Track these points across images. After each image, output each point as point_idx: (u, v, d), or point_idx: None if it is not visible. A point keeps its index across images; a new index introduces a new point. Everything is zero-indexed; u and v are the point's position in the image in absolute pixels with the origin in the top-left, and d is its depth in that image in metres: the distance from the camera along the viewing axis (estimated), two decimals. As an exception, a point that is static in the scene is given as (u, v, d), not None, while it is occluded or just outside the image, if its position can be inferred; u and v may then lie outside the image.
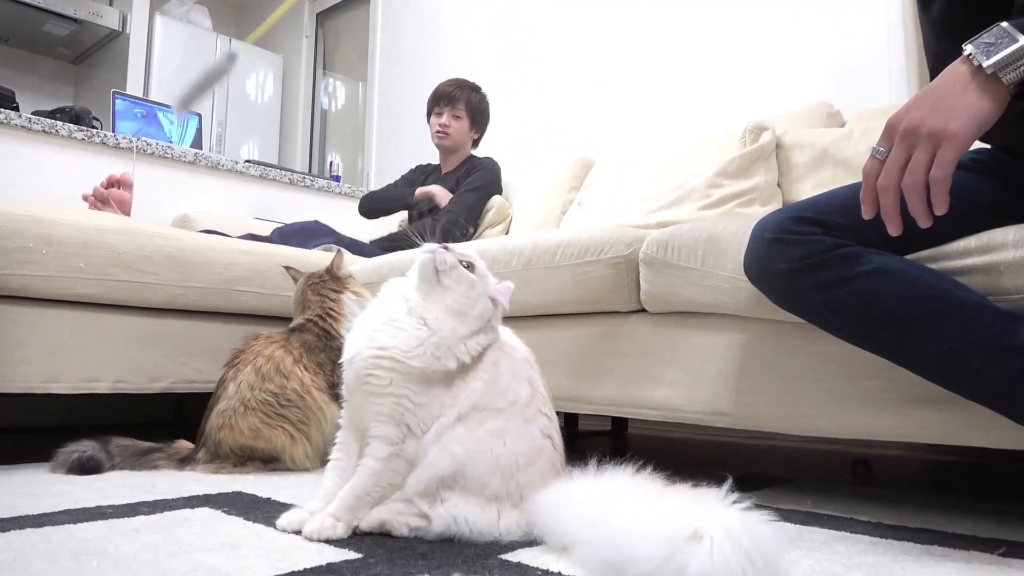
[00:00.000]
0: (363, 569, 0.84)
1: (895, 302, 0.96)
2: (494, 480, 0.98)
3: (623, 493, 0.90)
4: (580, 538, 0.88)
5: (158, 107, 3.25)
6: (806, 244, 1.01)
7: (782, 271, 1.04)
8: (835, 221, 1.01)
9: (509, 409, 1.02)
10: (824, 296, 1.01)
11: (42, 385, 1.63)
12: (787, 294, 1.07)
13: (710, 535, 0.71)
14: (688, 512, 0.75)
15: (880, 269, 0.98)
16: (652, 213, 2.04)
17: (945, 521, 1.17)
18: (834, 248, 0.99)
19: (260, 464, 1.56)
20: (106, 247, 1.72)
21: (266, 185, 3.21)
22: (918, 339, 0.97)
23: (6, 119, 2.43)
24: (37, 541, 0.94)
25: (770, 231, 1.05)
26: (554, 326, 1.66)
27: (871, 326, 1.00)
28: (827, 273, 1.00)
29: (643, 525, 0.77)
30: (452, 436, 0.99)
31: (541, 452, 1.04)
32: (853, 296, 0.99)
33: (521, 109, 3.42)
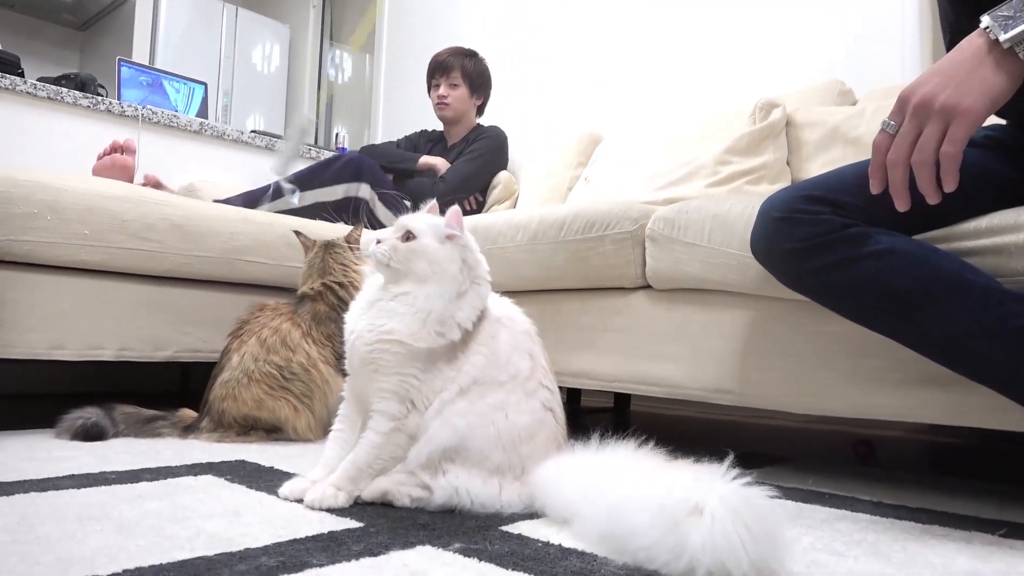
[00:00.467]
0: (364, 538, 0.84)
1: (902, 283, 0.95)
2: (496, 453, 0.99)
3: (624, 467, 0.91)
4: (580, 511, 0.88)
5: (163, 75, 3.23)
6: (814, 224, 1.00)
7: (788, 250, 1.03)
8: (844, 200, 1.00)
9: (510, 382, 1.03)
10: (830, 276, 1.00)
11: (47, 352, 1.63)
12: (793, 274, 1.06)
13: (711, 510, 0.70)
14: (689, 486, 0.75)
15: (888, 250, 0.96)
16: (659, 190, 2.03)
17: (946, 501, 1.17)
18: (842, 228, 0.98)
19: (263, 434, 1.57)
20: (111, 214, 1.72)
21: (272, 156, 3.19)
22: (925, 320, 0.96)
23: (11, 85, 2.42)
24: (41, 505, 0.95)
25: (777, 210, 1.04)
26: (558, 301, 1.65)
27: (877, 307, 1.00)
28: (834, 253, 0.99)
29: (643, 499, 0.77)
30: (454, 409, 1.00)
31: (543, 425, 1.04)
32: (860, 276, 0.98)
33: (529, 83, 3.39)
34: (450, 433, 0.99)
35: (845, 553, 0.85)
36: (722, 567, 0.68)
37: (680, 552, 0.70)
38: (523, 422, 1.01)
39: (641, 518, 0.75)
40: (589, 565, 0.77)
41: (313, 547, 0.80)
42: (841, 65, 2.35)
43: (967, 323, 0.93)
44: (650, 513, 0.75)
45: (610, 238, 1.51)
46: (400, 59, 4.14)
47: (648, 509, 0.75)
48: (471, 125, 2.84)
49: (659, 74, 2.92)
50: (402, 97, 4.07)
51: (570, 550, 0.82)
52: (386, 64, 4.23)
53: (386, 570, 0.74)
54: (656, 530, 0.73)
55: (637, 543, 0.75)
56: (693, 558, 0.69)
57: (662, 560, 0.72)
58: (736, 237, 1.29)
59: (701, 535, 0.69)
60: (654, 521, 0.74)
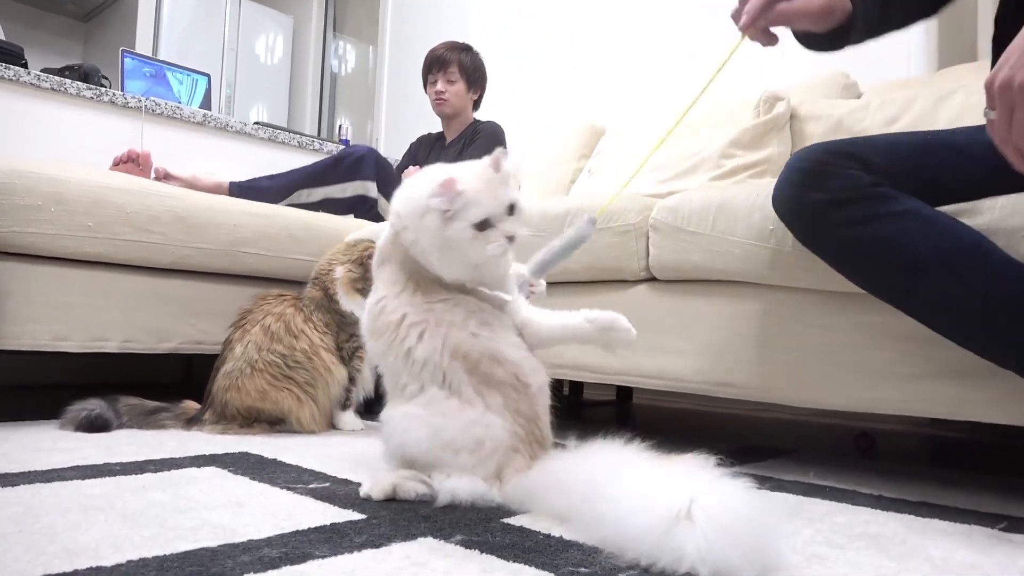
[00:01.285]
0: (366, 530, 0.85)
1: (924, 246, 0.96)
2: (445, 454, 0.99)
3: (612, 468, 0.87)
4: (573, 518, 0.87)
5: (167, 66, 3.23)
6: (844, 177, 1.00)
7: (816, 201, 1.03)
8: (875, 161, 1.00)
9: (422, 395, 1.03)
10: (853, 232, 1.00)
11: (51, 343, 1.64)
12: (816, 227, 1.05)
13: (697, 519, 0.70)
14: (675, 491, 0.74)
15: (914, 211, 0.97)
16: (663, 182, 2.02)
17: (947, 495, 1.17)
18: (871, 185, 0.99)
19: (266, 425, 1.57)
20: (115, 206, 1.72)
21: (275, 148, 3.19)
22: (943, 286, 0.96)
23: (15, 76, 2.42)
24: (46, 495, 0.95)
25: (809, 161, 1.04)
26: (562, 294, 1.65)
27: (895, 269, 0.99)
28: (860, 209, 0.99)
29: (635, 503, 0.76)
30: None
31: (482, 442, 0.99)
32: (884, 235, 0.98)
33: (532, 75, 3.38)
34: (389, 443, 1.03)
35: (845, 546, 0.85)
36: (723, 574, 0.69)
37: (680, 557, 0.70)
38: (449, 432, 0.99)
39: (635, 524, 0.74)
40: (590, 557, 0.77)
41: (316, 538, 0.81)
42: (845, 58, 2.32)
43: (985, 292, 0.93)
44: (642, 521, 0.74)
45: (613, 230, 1.51)
46: (403, 50, 4.13)
47: (642, 514, 0.74)
48: (468, 120, 2.83)
49: (662, 66, 2.91)
50: (405, 88, 4.06)
51: (571, 542, 0.82)
52: (389, 55, 4.22)
53: (388, 562, 0.74)
54: (652, 536, 0.72)
55: (637, 549, 0.74)
56: (693, 566, 0.69)
57: (665, 562, 0.72)
58: (740, 224, 1.29)
59: (695, 546, 0.69)
60: (647, 529, 0.73)
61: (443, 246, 1.02)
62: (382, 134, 4.22)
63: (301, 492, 1.03)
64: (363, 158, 2.44)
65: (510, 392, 1.02)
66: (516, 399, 1.02)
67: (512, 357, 1.05)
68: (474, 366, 1.02)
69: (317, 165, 2.45)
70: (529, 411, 1.03)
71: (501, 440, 0.99)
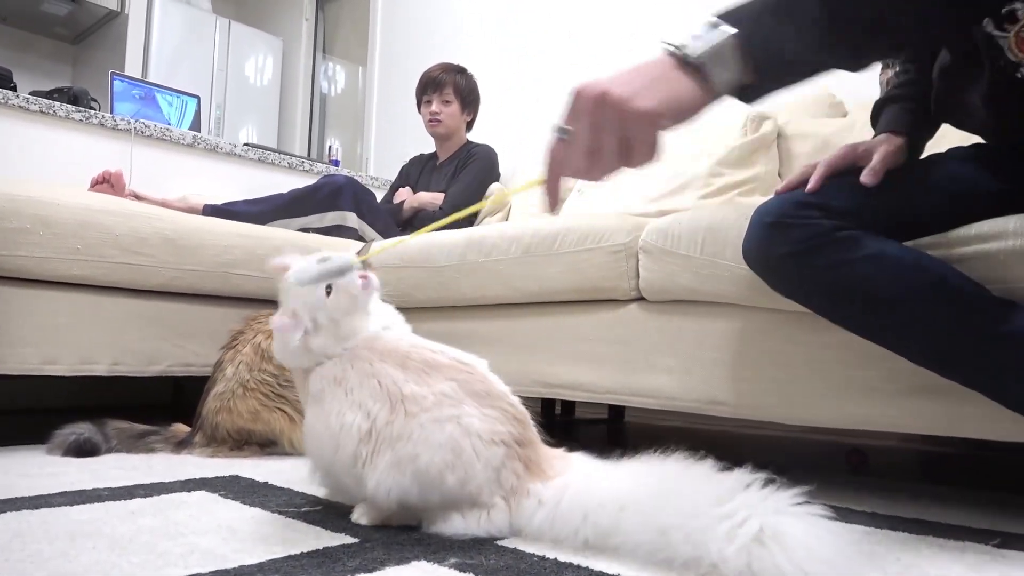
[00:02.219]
0: (359, 554, 0.84)
1: (891, 286, 0.97)
2: (430, 494, 0.90)
3: (661, 480, 0.86)
4: (619, 530, 0.84)
5: (156, 88, 3.23)
6: (805, 227, 1.01)
7: (782, 255, 1.04)
8: (834, 205, 1.01)
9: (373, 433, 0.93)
10: (822, 279, 1.02)
11: (39, 367, 1.62)
12: (786, 278, 1.07)
13: (778, 539, 0.72)
14: (742, 506, 0.76)
15: (877, 254, 0.98)
16: (652, 201, 2.04)
17: (940, 511, 1.17)
18: (832, 231, 0.99)
19: (257, 448, 1.56)
20: (103, 228, 1.71)
21: (265, 169, 3.19)
22: (913, 324, 0.98)
23: (3, 99, 2.42)
24: (34, 522, 0.94)
25: (770, 215, 1.05)
26: (552, 313, 1.66)
27: (867, 311, 1.01)
28: (825, 256, 1.00)
29: (701, 518, 0.77)
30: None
31: (452, 444, 0.89)
32: (850, 279, 0.99)
33: (520, 95, 3.41)
34: (377, 490, 0.92)
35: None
36: None
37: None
38: (424, 462, 0.89)
39: (704, 539, 0.75)
40: (585, 579, 0.77)
41: (308, 563, 0.80)
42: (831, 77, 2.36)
43: (954, 327, 0.95)
44: (713, 535, 0.75)
45: (604, 250, 1.51)
46: (392, 71, 4.15)
47: (710, 529, 0.75)
48: (461, 141, 2.85)
49: (651, 86, 2.93)
50: (394, 109, 4.08)
51: (566, 564, 0.82)
52: (378, 76, 4.25)
53: (382, 586, 0.74)
54: (721, 554, 0.74)
55: (707, 561, 0.75)
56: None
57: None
58: (728, 247, 1.30)
59: (773, 564, 0.71)
60: (720, 544, 0.74)
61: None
62: (371, 154, 4.24)
63: (293, 516, 1.02)
64: (341, 188, 2.44)
65: (458, 374, 0.95)
66: (469, 380, 0.94)
67: (436, 347, 0.99)
68: (403, 359, 0.96)
69: (295, 193, 2.44)
70: (490, 390, 0.95)
71: (475, 429, 0.90)
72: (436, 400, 0.92)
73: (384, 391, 0.94)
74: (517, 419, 0.95)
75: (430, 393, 0.92)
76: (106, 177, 2.34)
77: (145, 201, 2.29)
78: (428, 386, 0.93)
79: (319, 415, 0.99)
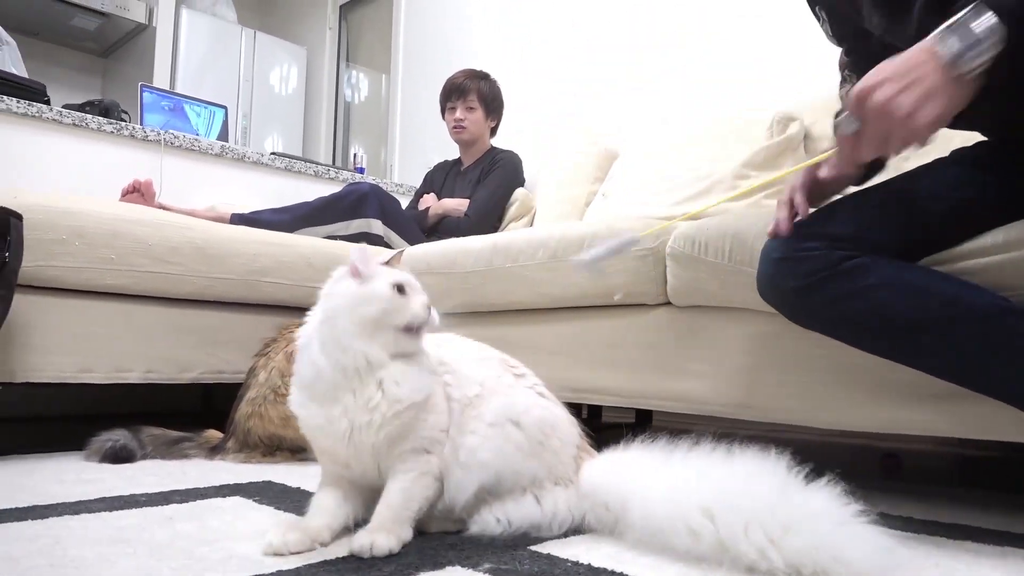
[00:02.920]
0: (394, 559, 0.84)
1: (905, 311, 0.97)
2: (529, 464, 0.97)
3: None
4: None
5: (184, 100, 3.28)
6: (812, 260, 1.01)
7: (793, 288, 1.04)
8: (839, 232, 1.01)
9: (487, 389, 1.00)
10: (834, 310, 1.02)
11: (75, 375, 1.66)
12: (800, 310, 1.08)
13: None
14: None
15: (886, 281, 0.98)
16: (677, 204, 2.03)
17: (977, 516, 1.15)
18: (840, 262, 0.99)
19: (288, 453, 1.57)
20: (135, 239, 1.74)
21: (291, 177, 3.23)
22: (933, 345, 0.97)
23: (38, 112, 2.47)
24: (74, 527, 0.96)
25: (777, 251, 1.06)
26: (579, 318, 1.66)
27: (885, 336, 1.01)
28: (835, 287, 1.00)
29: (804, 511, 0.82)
30: (467, 449, 0.94)
31: (553, 413, 1.03)
32: (862, 309, 0.99)
33: (545, 99, 3.41)
34: (478, 474, 0.94)
35: (877, 570, 0.84)
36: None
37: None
38: (536, 416, 0.99)
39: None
40: (619, 585, 0.77)
41: (343, 568, 0.81)
42: (858, 77, 2.34)
43: (973, 344, 0.94)
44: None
45: (631, 255, 1.51)
46: (415, 78, 4.17)
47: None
48: (485, 146, 2.86)
49: (675, 88, 2.92)
50: (418, 116, 4.10)
51: (600, 569, 0.82)
52: (402, 84, 4.27)
53: (417, 591, 0.74)
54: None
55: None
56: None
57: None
58: (754, 255, 1.28)
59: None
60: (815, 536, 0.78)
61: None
62: (396, 161, 4.26)
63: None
64: (366, 195, 2.45)
65: (538, 384, 1.07)
66: (545, 390, 1.06)
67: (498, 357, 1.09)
68: (502, 362, 1.07)
69: (320, 201, 2.46)
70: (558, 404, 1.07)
71: (562, 412, 1.06)
72: (532, 381, 1.05)
73: (496, 368, 1.04)
74: (578, 425, 1.08)
75: (525, 374, 1.06)
76: (136, 187, 2.38)
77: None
78: (533, 407, 1.02)
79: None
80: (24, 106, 2.44)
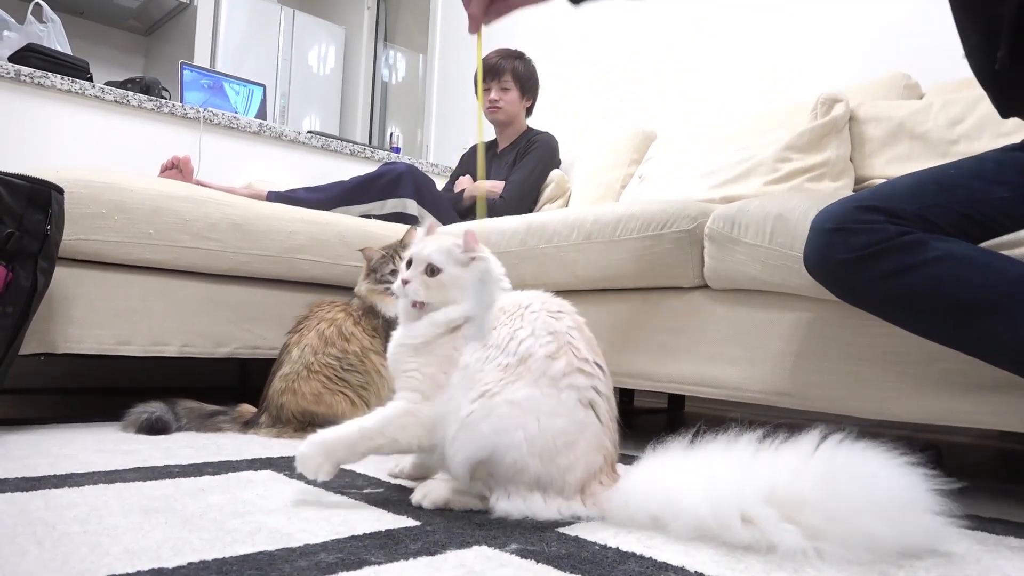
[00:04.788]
0: (421, 536, 0.84)
1: (964, 289, 0.92)
2: (532, 463, 0.92)
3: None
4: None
5: (224, 78, 3.30)
6: (868, 232, 0.97)
7: (843, 261, 1.00)
8: (900, 208, 0.97)
9: (526, 371, 0.94)
10: (888, 285, 0.98)
11: (114, 348, 1.68)
12: (849, 285, 1.03)
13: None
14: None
15: (947, 255, 0.94)
16: (716, 187, 1.99)
17: (1021, 512, 1.12)
18: (897, 236, 0.96)
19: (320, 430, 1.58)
20: (175, 214, 1.76)
21: (328, 156, 3.24)
22: (991, 327, 0.93)
23: (81, 89, 2.50)
24: (110, 496, 0.97)
25: (831, 221, 1.02)
26: (613, 300, 1.64)
27: (939, 315, 0.97)
28: (890, 261, 0.96)
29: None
30: (473, 412, 0.93)
31: (583, 428, 0.94)
32: (918, 284, 0.95)
33: (583, 80, 3.37)
34: (476, 442, 0.92)
35: (916, 564, 0.82)
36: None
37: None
38: (558, 426, 0.92)
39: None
40: (648, 569, 0.75)
41: (371, 544, 0.81)
42: (906, 57, 2.27)
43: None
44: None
45: (667, 237, 1.49)
46: (453, 59, 4.16)
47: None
48: (521, 128, 2.83)
49: (714, 69, 2.87)
50: (455, 96, 4.09)
51: (628, 554, 0.80)
52: (439, 64, 4.26)
53: (443, 569, 0.74)
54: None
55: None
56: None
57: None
58: (799, 239, 1.25)
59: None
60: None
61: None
62: (432, 142, 4.26)
63: (355, 497, 1.04)
64: (401, 175, 2.45)
65: (593, 379, 0.98)
66: (599, 386, 0.99)
67: (569, 339, 1.01)
68: (579, 325, 1.04)
69: (355, 180, 2.46)
70: (611, 405, 1.01)
71: (595, 431, 0.96)
72: (592, 375, 0.98)
73: (554, 328, 1.00)
74: (615, 443, 1.01)
75: (592, 363, 0.99)
76: (175, 163, 2.41)
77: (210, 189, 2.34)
78: (592, 354, 1.01)
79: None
80: (68, 83, 2.47)
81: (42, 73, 2.41)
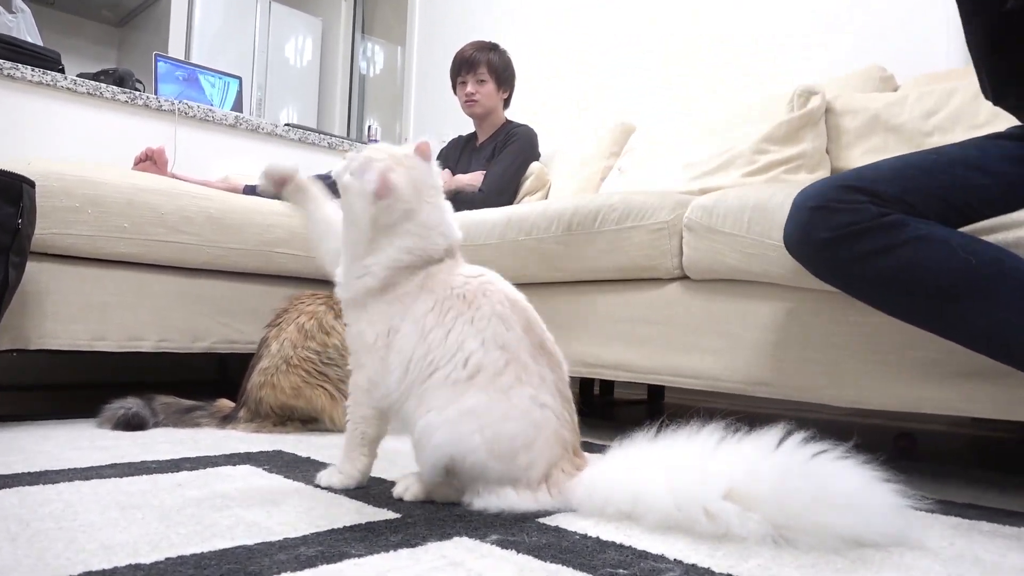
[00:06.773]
0: (402, 529, 0.84)
1: (941, 270, 0.93)
2: (492, 463, 0.92)
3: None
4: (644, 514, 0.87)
5: (199, 70, 3.26)
6: (850, 212, 0.98)
7: (823, 240, 1.01)
8: (882, 190, 0.98)
9: (471, 382, 0.93)
10: (866, 265, 0.99)
11: (88, 343, 1.66)
12: (828, 264, 1.04)
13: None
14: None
15: (926, 237, 0.95)
16: (695, 179, 2.00)
17: (992, 497, 1.14)
18: (878, 216, 0.96)
19: (299, 424, 1.58)
20: (149, 208, 1.74)
21: (305, 148, 3.22)
22: (965, 309, 0.94)
23: (52, 81, 2.46)
24: (85, 493, 0.96)
25: (813, 200, 1.03)
26: (594, 292, 1.64)
27: (917, 297, 0.97)
28: (869, 241, 0.97)
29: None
30: (425, 423, 0.93)
31: (539, 428, 0.94)
32: (897, 265, 0.96)
33: (561, 72, 3.37)
34: (433, 453, 0.92)
35: (892, 549, 0.83)
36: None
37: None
38: (511, 430, 0.92)
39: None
40: (627, 558, 0.76)
41: (351, 537, 0.80)
42: (881, 50, 2.30)
43: (1009, 310, 0.91)
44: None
45: (646, 228, 1.49)
46: (431, 50, 4.14)
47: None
48: (500, 120, 2.82)
49: (693, 62, 2.88)
50: (434, 88, 4.07)
51: (608, 543, 0.81)
52: (417, 56, 4.23)
53: (424, 561, 0.74)
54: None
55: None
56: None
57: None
58: (776, 227, 1.26)
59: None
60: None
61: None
62: (410, 134, 4.23)
63: (336, 491, 1.03)
64: None
65: (556, 368, 1.00)
66: (561, 378, 1.00)
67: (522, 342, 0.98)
68: (528, 325, 1.00)
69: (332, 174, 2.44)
70: (568, 395, 1.00)
71: (553, 428, 0.95)
72: (540, 382, 0.96)
73: (504, 342, 0.96)
74: (575, 431, 1.00)
75: (537, 374, 0.96)
76: (149, 155, 2.37)
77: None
78: (538, 365, 0.97)
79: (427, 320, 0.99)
80: (39, 74, 2.43)
81: (12, 64, 2.37)
